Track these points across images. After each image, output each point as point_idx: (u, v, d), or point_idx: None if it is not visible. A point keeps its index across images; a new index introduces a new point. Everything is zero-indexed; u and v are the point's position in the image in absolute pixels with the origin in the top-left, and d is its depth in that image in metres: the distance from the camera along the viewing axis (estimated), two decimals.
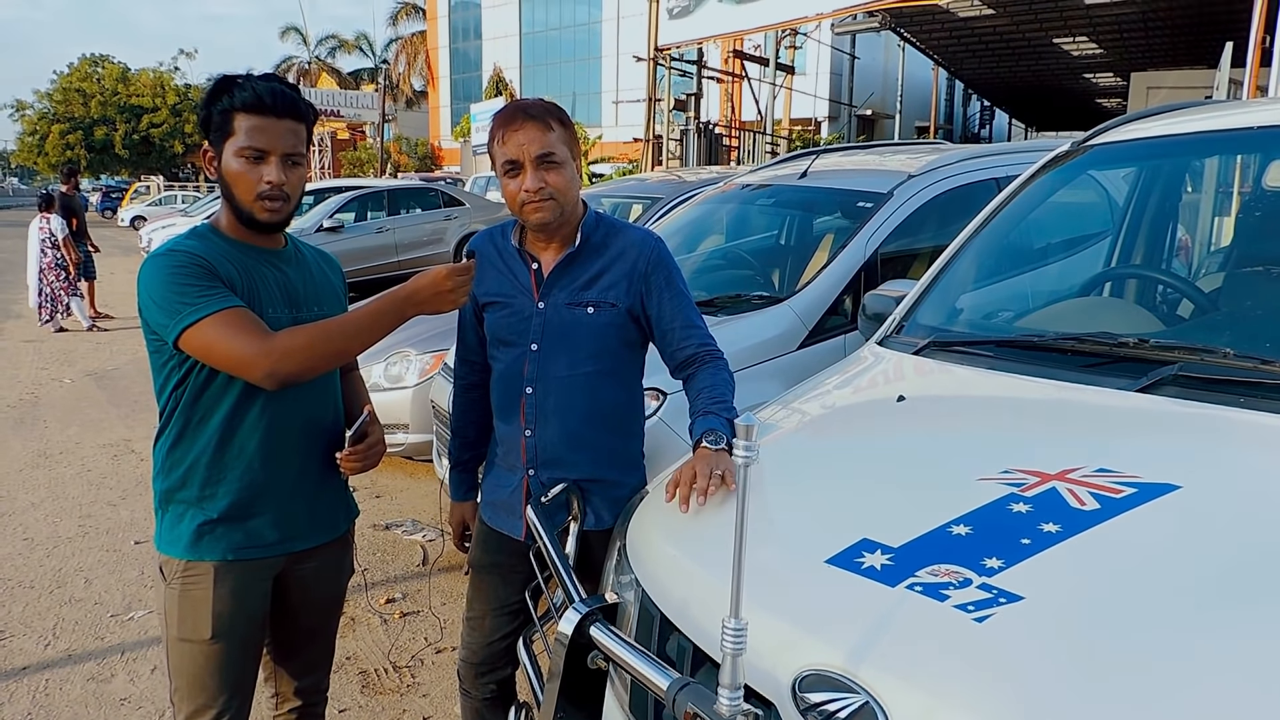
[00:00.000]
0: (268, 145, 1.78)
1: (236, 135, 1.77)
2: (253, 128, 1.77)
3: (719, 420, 1.83)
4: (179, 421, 1.83)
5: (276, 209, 1.81)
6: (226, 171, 1.79)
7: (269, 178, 1.78)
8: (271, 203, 1.80)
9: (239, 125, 1.77)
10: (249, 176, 1.78)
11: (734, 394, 1.95)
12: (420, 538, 4.60)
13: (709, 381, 1.94)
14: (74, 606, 3.82)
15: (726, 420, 1.83)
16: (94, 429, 6.61)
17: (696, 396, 1.93)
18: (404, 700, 3.12)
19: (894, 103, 24.92)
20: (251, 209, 1.80)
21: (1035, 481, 1.43)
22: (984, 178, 4.00)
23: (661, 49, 17.34)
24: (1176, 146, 2.60)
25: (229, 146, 1.78)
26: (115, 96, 43.28)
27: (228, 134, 1.78)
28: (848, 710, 1.14)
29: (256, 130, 1.77)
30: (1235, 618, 1.11)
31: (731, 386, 1.95)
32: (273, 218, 1.82)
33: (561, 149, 1.92)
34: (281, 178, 1.79)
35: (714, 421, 1.82)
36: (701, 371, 1.98)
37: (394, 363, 5.07)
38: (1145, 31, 19.32)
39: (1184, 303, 2.49)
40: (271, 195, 1.79)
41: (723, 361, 2.00)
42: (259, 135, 1.77)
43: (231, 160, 1.78)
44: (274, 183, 1.78)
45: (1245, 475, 1.49)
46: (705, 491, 1.65)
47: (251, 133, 1.77)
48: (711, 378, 1.95)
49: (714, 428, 1.80)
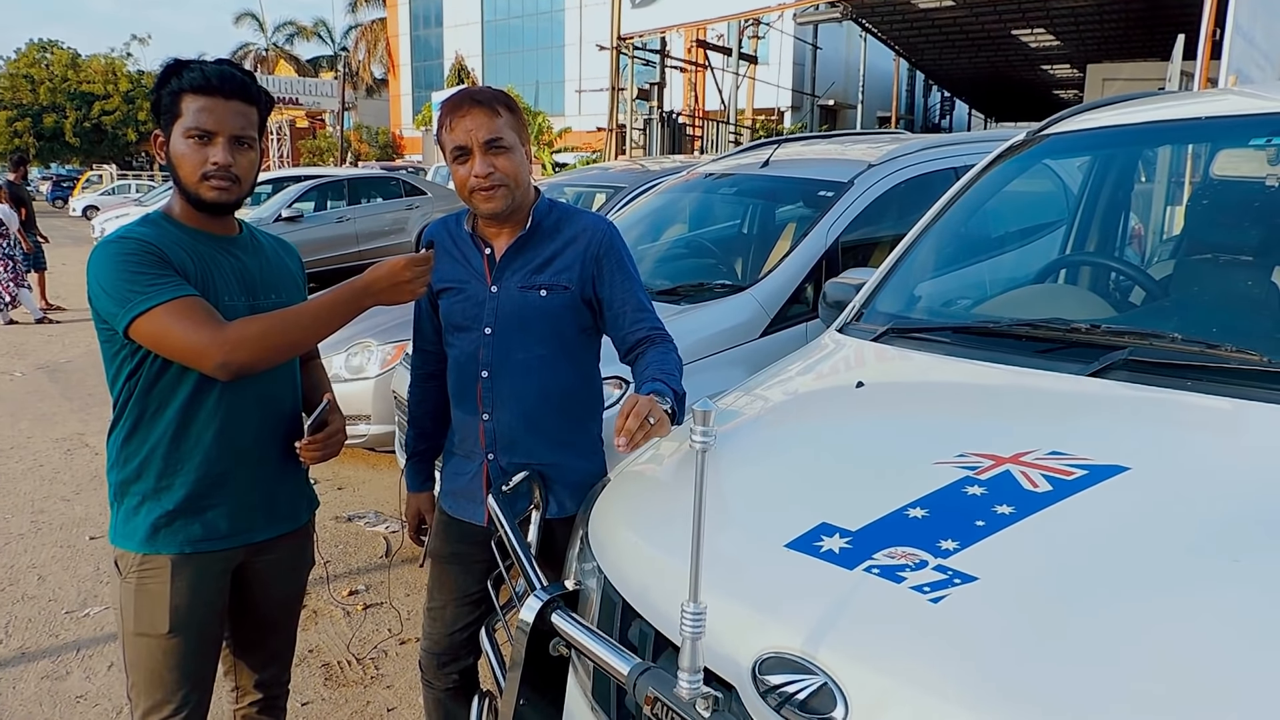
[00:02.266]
0: (214, 126, 1.75)
1: (184, 117, 1.74)
2: (200, 108, 1.74)
3: (665, 387, 1.81)
4: (133, 412, 1.80)
5: (224, 188, 1.78)
6: (174, 153, 1.77)
7: (215, 158, 1.75)
8: (219, 182, 1.76)
9: (186, 106, 1.74)
10: (194, 158, 1.75)
11: (682, 376, 1.93)
12: (383, 529, 4.57)
13: (657, 358, 1.93)
14: (27, 604, 3.74)
15: (664, 384, 1.82)
16: (46, 423, 6.47)
17: (645, 369, 1.92)
18: (367, 692, 3.10)
19: (856, 93, 25.12)
20: (198, 190, 1.77)
21: (989, 465, 1.46)
22: (943, 167, 4.06)
23: (624, 38, 17.29)
24: (1129, 136, 2.65)
25: (177, 128, 1.75)
26: (65, 83, 42.19)
27: (176, 116, 1.75)
28: (807, 692, 1.15)
29: (203, 111, 1.74)
30: (1183, 593, 1.14)
31: (680, 367, 1.94)
32: (220, 197, 1.78)
33: (510, 134, 1.92)
34: (228, 159, 1.76)
35: (659, 386, 1.81)
36: (651, 349, 1.97)
37: (355, 353, 5.02)
38: (1101, 24, 19.66)
39: (1136, 289, 2.55)
40: (218, 175, 1.76)
41: (672, 345, 2.00)
42: (205, 116, 1.74)
43: (179, 141, 1.75)
44: (220, 163, 1.75)
45: (1192, 456, 1.53)
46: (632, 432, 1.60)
47: (198, 113, 1.74)
48: (661, 356, 1.94)
49: (658, 391, 1.78)
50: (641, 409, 1.64)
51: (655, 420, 1.66)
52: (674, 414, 1.78)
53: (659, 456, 2.02)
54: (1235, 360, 1.67)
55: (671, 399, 1.79)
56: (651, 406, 1.67)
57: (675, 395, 1.82)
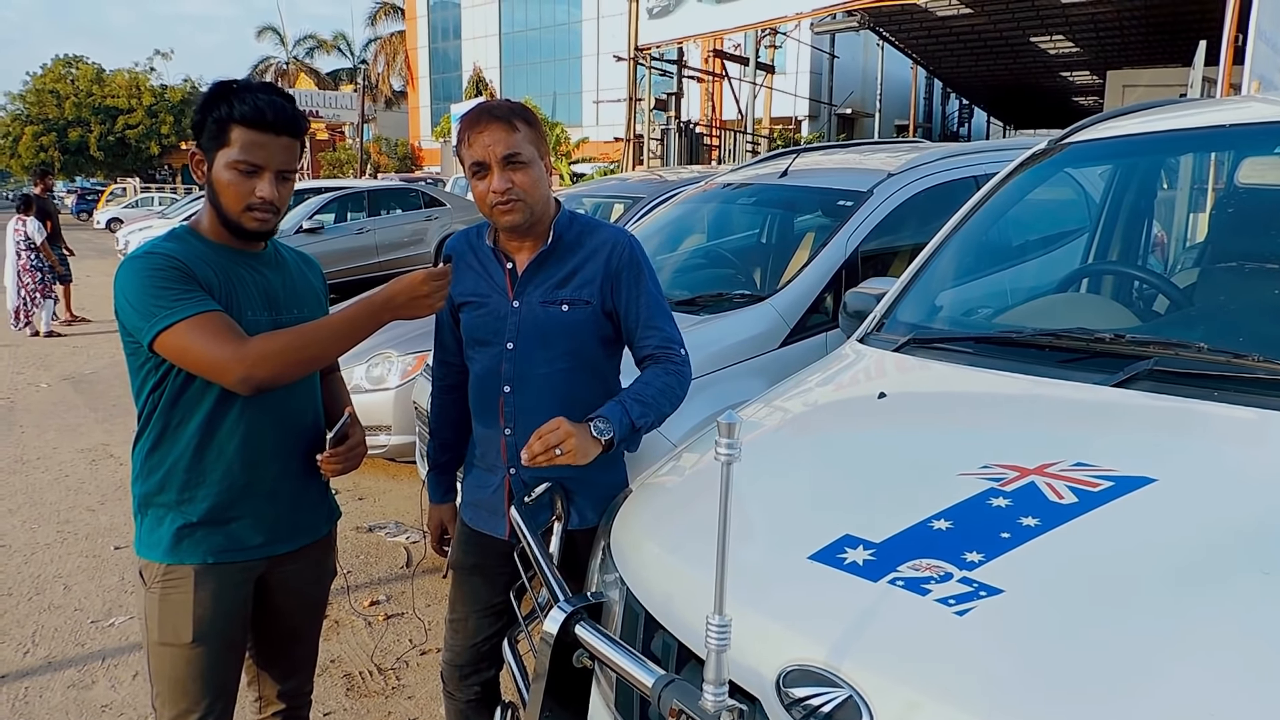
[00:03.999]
0: (264, 161, 1.76)
1: (231, 147, 1.75)
2: (250, 143, 1.75)
3: (617, 409, 1.84)
4: (157, 424, 1.82)
5: (265, 220, 1.80)
6: (217, 180, 1.77)
7: (261, 193, 1.77)
8: (261, 214, 1.79)
9: (236, 137, 1.74)
10: (240, 188, 1.76)
11: (672, 400, 1.94)
12: (404, 540, 4.58)
13: (645, 378, 1.94)
14: (53, 613, 3.78)
15: (624, 411, 1.84)
16: (71, 434, 6.54)
17: (625, 390, 1.94)
18: (389, 703, 3.11)
19: (873, 101, 25.05)
20: (239, 219, 1.79)
21: (1014, 476, 1.45)
22: (963, 176, 4.03)
23: (642, 49, 17.34)
24: (1151, 144, 2.63)
25: (222, 156, 1.76)
26: (90, 98, 42.81)
27: (223, 144, 1.76)
28: (831, 704, 1.15)
29: (254, 146, 1.75)
30: (1211, 608, 1.13)
31: (669, 389, 1.94)
32: (261, 228, 1.81)
33: (528, 149, 1.92)
34: (274, 193, 1.78)
35: (611, 409, 1.84)
36: (651, 369, 1.98)
37: (376, 364, 5.05)
38: (1121, 30, 19.51)
39: (1160, 298, 2.53)
40: (262, 208, 1.78)
41: (676, 365, 1.98)
42: (256, 151, 1.75)
43: (223, 171, 1.76)
44: (265, 198, 1.77)
45: (1219, 467, 1.51)
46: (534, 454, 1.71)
47: (249, 148, 1.75)
48: (650, 375, 1.95)
49: (605, 414, 1.82)
50: (553, 439, 1.71)
51: (563, 453, 1.72)
52: (610, 444, 1.80)
53: (680, 468, 2.02)
54: (1262, 370, 1.65)
55: (614, 428, 1.81)
56: (565, 439, 1.72)
57: (628, 424, 1.83)
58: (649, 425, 1.90)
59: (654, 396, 1.90)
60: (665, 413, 1.93)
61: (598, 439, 1.79)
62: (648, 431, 1.93)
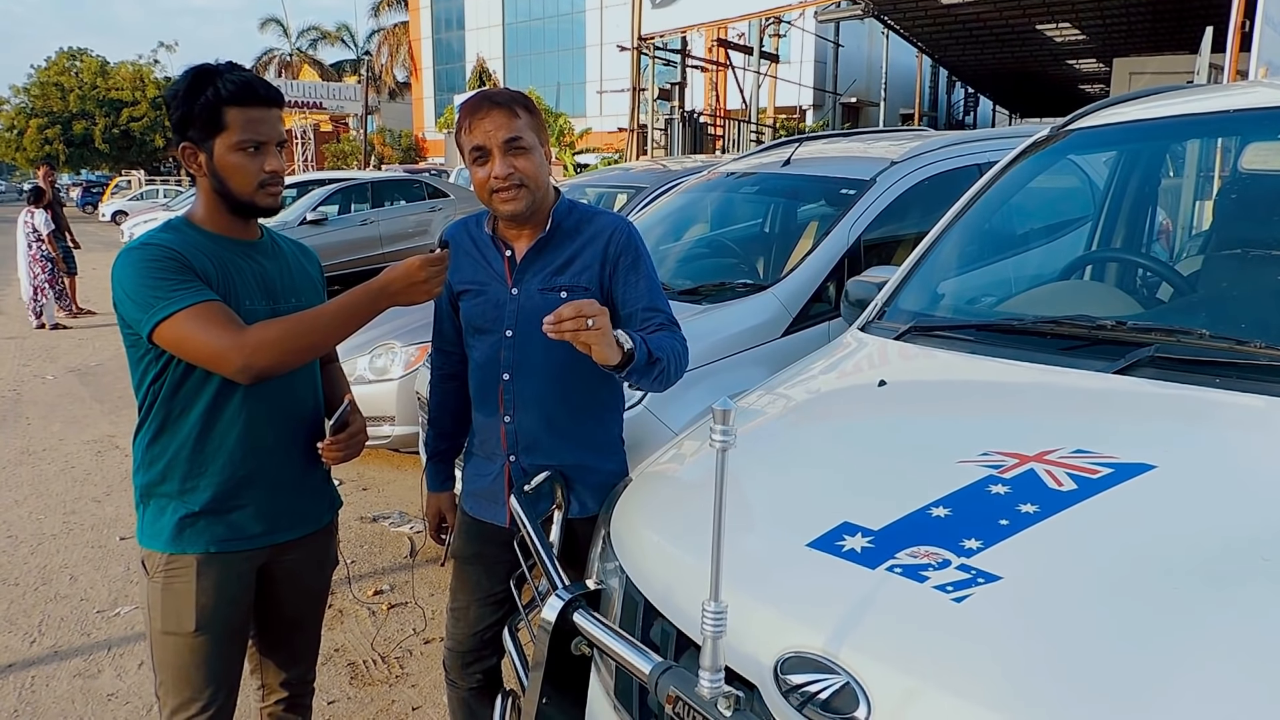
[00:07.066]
0: (266, 135, 1.79)
1: (231, 129, 1.75)
2: (249, 120, 1.76)
3: (636, 336, 1.77)
4: (158, 415, 1.82)
5: (277, 193, 1.85)
6: (223, 166, 1.78)
7: (269, 166, 1.80)
8: (274, 188, 1.83)
9: (232, 119, 1.75)
10: (250, 167, 1.78)
11: (678, 364, 1.89)
12: (407, 529, 4.59)
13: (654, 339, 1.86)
14: (59, 603, 3.80)
15: (642, 340, 1.78)
16: (77, 425, 6.56)
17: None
18: (392, 691, 3.12)
19: (878, 90, 24.93)
20: (254, 198, 1.82)
21: (1014, 463, 1.45)
22: (966, 164, 4.02)
23: (645, 38, 17.30)
24: (1156, 130, 2.62)
25: (222, 141, 1.76)
26: (94, 90, 42.77)
27: (219, 129, 1.76)
28: (829, 691, 1.15)
29: (254, 122, 1.77)
30: (1210, 595, 1.12)
31: (677, 355, 1.90)
32: (274, 202, 1.85)
33: (529, 134, 1.92)
34: (281, 165, 1.83)
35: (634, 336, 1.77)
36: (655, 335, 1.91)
37: (379, 355, 5.06)
38: (1127, 17, 19.39)
39: (1163, 285, 2.51)
40: (274, 181, 1.82)
41: (682, 340, 1.96)
42: (258, 127, 1.77)
43: (228, 155, 1.77)
44: (274, 170, 1.81)
45: (1219, 455, 1.51)
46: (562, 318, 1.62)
47: (249, 125, 1.76)
48: (659, 338, 1.88)
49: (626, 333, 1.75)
50: (589, 309, 1.63)
51: (593, 326, 1.63)
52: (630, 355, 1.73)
53: (681, 456, 2.02)
54: (1265, 357, 1.65)
55: (635, 344, 1.74)
56: (599, 313, 1.64)
57: (645, 351, 1.77)
58: (659, 373, 1.84)
59: (665, 354, 1.85)
60: (670, 374, 1.89)
61: (620, 345, 1.72)
62: (652, 386, 1.88)
